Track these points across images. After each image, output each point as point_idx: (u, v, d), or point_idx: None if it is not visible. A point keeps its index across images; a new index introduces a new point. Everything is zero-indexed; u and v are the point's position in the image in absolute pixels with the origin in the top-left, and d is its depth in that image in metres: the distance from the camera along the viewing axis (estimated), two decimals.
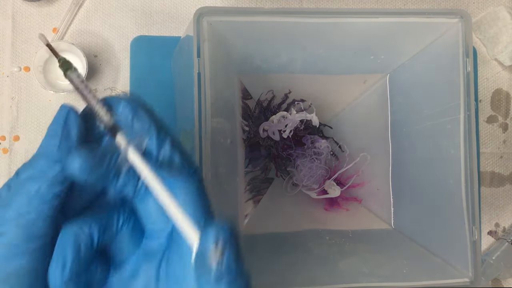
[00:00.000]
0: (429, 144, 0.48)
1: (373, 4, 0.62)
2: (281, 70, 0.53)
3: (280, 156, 0.55)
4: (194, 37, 0.40)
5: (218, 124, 0.44)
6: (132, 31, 0.58)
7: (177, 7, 0.59)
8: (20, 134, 0.57)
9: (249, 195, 0.55)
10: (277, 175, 0.56)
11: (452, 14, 0.43)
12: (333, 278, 0.43)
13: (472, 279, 0.42)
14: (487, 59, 0.63)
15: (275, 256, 0.48)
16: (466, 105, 0.43)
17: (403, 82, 0.53)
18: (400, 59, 0.52)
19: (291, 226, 0.54)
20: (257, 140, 0.55)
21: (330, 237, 0.51)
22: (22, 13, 0.57)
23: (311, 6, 0.61)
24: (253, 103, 0.55)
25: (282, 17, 0.42)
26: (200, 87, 0.39)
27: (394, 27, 0.45)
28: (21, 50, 0.57)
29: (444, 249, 0.46)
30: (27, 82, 0.57)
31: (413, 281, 0.42)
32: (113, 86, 0.58)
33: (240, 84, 0.54)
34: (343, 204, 0.56)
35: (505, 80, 0.63)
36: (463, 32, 0.43)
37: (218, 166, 0.44)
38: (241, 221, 0.53)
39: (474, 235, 0.42)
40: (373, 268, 0.45)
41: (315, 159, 0.54)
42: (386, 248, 0.51)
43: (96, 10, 0.58)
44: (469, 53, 0.43)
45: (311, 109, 0.55)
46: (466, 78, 0.43)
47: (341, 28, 0.44)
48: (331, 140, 0.57)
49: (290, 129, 0.54)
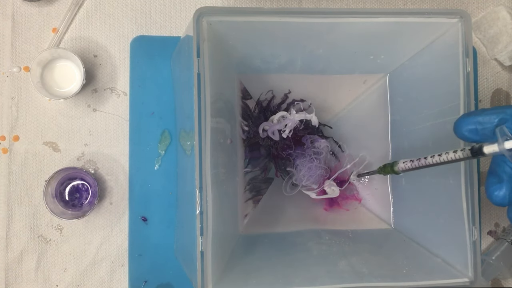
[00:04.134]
0: (429, 144, 0.48)
1: (373, 4, 0.62)
2: (281, 70, 0.53)
3: (280, 156, 0.55)
4: (194, 37, 0.40)
5: (218, 124, 0.44)
6: (132, 31, 0.58)
7: (177, 7, 0.59)
8: (20, 134, 0.57)
9: (249, 195, 0.55)
10: (276, 175, 0.56)
11: (452, 14, 0.43)
12: (333, 278, 0.43)
13: (472, 279, 0.42)
14: (487, 59, 0.63)
15: (275, 256, 0.48)
16: (466, 105, 0.43)
17: (403, 82, 0.53)
18: (400, 59, 0.52)
19: (291, 226, 0.54)
20: (257, 140, 0.55)
21: (330, 237, 0.51)
22: (22, 13, 0.57)
23: (311, 6, 0.61)
24: (253, 103, 0.55)
25: (282, 17, 0.42)
26: (200, 87, 0.39)
27: (394, 27, 0.45)
28: (21, 50, 0.57)
29: (444, 249, 0.46)
30: (27, 82, 0.57)
31: (413, 281, 0.42)
32: (113, 86, 0.58)
33: (240, 84, 0.54)
34: (343, 204, 0.56)
35: (505, 80, 0.63)
36: (463, 32, 0.43)
37: (218, 166, 0.44)
38: (241, 221, 0.53)
39: (474, 235, 0.42)
40: (373, 268, 0.45)
41: (314, 159, 0.54)
42: (386, 248, 0.51)
43: (96, 10, 0.58)
44: (469, 53, 0.43)
45: (311, 109, 0.55)
46: (466, 78, 0.43)
47: (341, 28, 0.44)
48: (331, 140, 0.57)
49: (289, 129, 0.54)
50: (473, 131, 0.35)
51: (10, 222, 0.56)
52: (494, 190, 0.34)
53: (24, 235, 0.56)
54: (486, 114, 0.34)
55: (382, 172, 0.47)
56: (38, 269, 0.56)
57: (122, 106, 0.58)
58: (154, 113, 0.57)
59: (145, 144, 0.57)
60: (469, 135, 0.35)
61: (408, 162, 0.43)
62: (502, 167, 0.34)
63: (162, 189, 0.57)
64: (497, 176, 0.34)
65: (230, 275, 0.43)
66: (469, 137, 0.35)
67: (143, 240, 0.56)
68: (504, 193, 0.33)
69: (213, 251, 0.40)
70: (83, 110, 0.57)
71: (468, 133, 0.35)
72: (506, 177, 0.33)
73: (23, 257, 0.56)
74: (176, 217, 0.56)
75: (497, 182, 0.34)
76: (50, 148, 0.57)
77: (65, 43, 0.58)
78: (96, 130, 0.57)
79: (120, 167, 0.57)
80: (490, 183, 0.34)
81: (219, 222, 0.42)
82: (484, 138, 0.34)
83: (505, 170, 0.34)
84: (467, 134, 0.35)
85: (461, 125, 0.35)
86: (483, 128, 0.34)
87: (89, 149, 0.57)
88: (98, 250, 0.57)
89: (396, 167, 0.45)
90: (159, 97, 0.58)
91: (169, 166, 0.57)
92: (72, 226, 0.57)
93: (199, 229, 0.39)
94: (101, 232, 0.57)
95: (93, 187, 0.56)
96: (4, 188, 0.56)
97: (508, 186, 0.33)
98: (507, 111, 0.34)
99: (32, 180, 0.56)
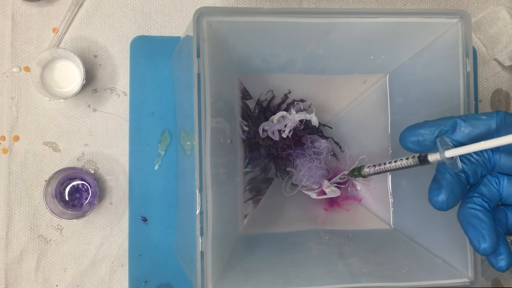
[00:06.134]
0: None
1: (373, 4, 0.62)
2: (281, 70, 0.53)
3: (280, 156, 0.55)
4: (193, 37, 0.40)
5: (218, 124, 0.44)
6: (132, 31, 0.58)
7: (177, 7, 0.59)
8: (20, 134, 0.57)
9: (249, 195, 0.55)
10: (276, 175, 0.56)
11: (452, 14, 0.43)
12: (333, 278, 0.43)
13: (472, 279, 0.42)
14: (487, 59, 0.63)
15: (275, 256, 0.48)
16: (466, 105, 0.43)
17: (403, 82, 0.53)
18: (400, 59, 0.52)
19: (291, 226, 0.53)
20: (257, 140, 0.55)
21: (330, 237, 0.51)
22: (22, 13, 0.57)
23: (311, 6, 0.61)
24: (253, 103, 0.55)
25: (282, 17, 0.42)
26: (200, 87, 0.39)
27: (394, 27, 0.45)
28: (21, 50, 0.57)
29: (444, 249, 0.46)
30: (27, 82, 0.57)
31: (413, 281, 0.42)
32: (113, 86, 0.58)
33: (240, 84, 0.54)
34: (343, 204, 0.56)
35: (505, 80, 0.63)
36: (463, 32, 0.43)
37: (218, 166, 0.44)
38: (241, 221, 0.53)
39: None
40: (373, 268, 0.44)
41: (314, 159, 0.54)
42: (386, 248, 0.51)
43: (96, 10, 0.58)
44: (469, 53, 0.43)
45: (311, 109, 0.55)
46: (466, 78, 0.43)
47: (341, 28, 0.44)
48: (331, 140, 0.57)
49: (289, 129, 0.54)
50: (416, 143, 0.37)
51: (10, 222, 0.56)
52: (434, 195, 0.35)
53: (24, 235, 0.56)
54: (428, 126, 0.36)
55: (352, 175, 0.51)
56: (38, 269, 0.56)
57: (122, 106, 0.58)
58: (154, 113, 0.57)
59: (145, 144, 0.57)
60: (413, 147, 0.37)
61: (372, 167, 0.48)
62: (443, 174, 0.36)
63: (162, 189, 0.57)
64: (437, 182, 0.36)
65: (230, 275, 0.43)
66: (413, 148, 0.37)
67: (143, 240, 0.56)
68: (442, 198, 0.35)
69: (213, 251, 0.40)
70: (83, 110, 0.58)
71: (412, 145, 0.37)
72: (445, 183, 0.35)
73: (23, 257, 0.56)
74: (176, 217, 0.56)
75: (437, 187, 0.35)
76: (50, 148, 0.57)
77: (65, 43, 0.58)
78: (96, 130, 0.57)
79: (120, 167, 0.57)
80: (431, 189, 0.36)
81: (219, 222, 0.42)
82: (426, 149, 0.37)
83: (445, 177, 0.35)
84: (411, 145, 0.37)
85: (404, 137, 0.37)
86: (424, 140, 0.36)
87: (89, 149, 0.57)
88: (98, 250, 0.57)
89: (363, 171, 0.49)
90: (159, 97, 0.58)
91: (169, 166, 0.57)
92: (72, 226, 0.57)
93: (199, 229, 0.39)
94: (101, 232, 0.57)
95: (93, 187, 0.56)
96: (4, 188, 0.56)
97: (446, 191, 0.35)
98: (447, 123, 0.36)
99: (32, 180, 0.56)
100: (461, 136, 0.36)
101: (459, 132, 0.36)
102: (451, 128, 0.36)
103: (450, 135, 0.36)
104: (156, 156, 0.57)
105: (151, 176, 0.57)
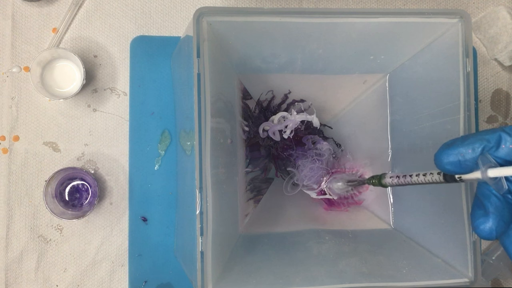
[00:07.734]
0: (429, 144, 0.48)
1: (373, 4, 0.62)
2: (281, 70, 0.53)
3: (280, 156, 0.55)
4: (194, 37, 0.40)
5: (218, 124, 0.44)
6: (132, 31, 0.58)
7: (177, 7, 0.59)
8: (20, 134, 0.57)
9: (249, 195, 0.55)
10: (277, 175, 0.56)
11: (452, 14, 0.43)
12: (333, 278, 0.43)
13: (472, 279, 0.42)
14: (487, 59, 0.63)
15: (275, 256, 0.48)
16: (466, 105, 0.43)
17: (403, 82, 0.53)
18: (400, 59, 0.52)
19: (291, 226, 0.53)
20: (257, 140, 0.55)
21: (330, 237, 0.51)
22: (22, 13, 0.57)
23: (311, 6, 0.61)
24: (253, 103, 0.55)
25: (282, 17, 0.42)
26: (200, 87, 0.39)
27: (394, 27, 0.45)
28: (21, 50, 0.57)
29: (444, 249, 0.46)
30: (27, 82, 0.57)
31: (413, 281, 0.42)
32: (113, 86, 0.58)
33: (240, 84, 0.54)
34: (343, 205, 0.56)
35: (505, 80, 0.63)
36: (463, 32, 0.43)
37: (218, 166, 0.44)
38: (241, 221, 0.53)
39: (474, 235, 0.42)
40: (373, 268, 0.44)
41: (316, 160, 0.54)
42: (386, 248, 0.51)
43: (96, 10, 0.58)
44: (469, 53, 0.43)
45: (311, 110, 0.55)
46: (466, 78, 0.43)
47: (341, 28, 0.44)
48: (331, 140, 0.57)
49: (290, 130, 0.54)
50: (456, 164, 0.32)
51: (10, 222, 0.56)
52: (480, 223, 0.31)
53: (24, 235, 0.56)
54: (468, 143, 0.31)
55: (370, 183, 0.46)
56: (38, 269, 0.56)
57: (122, 106, 0.58)
58: (154, 113, 0.57)
59: (145, 144, 0.57)
60: (452, 168, 0.32)
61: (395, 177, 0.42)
62: (488, 197, 0.31)
63: (162, 189, 0.57)
64: (483, 207, 0.31)
65: (230, 275, 0.43)
66: (452, 170, 0.33)
67: (143, 240, 0.56)
68: (491, 226, 0.31)
69: (213, 251, 0.40)
70: (83, 110, 0.58)
71: (451, 167, 0.32)
72: (493, 209, 0.31)
73: (23, 257, 0.56)
74: (176, 217, 0.56)
75: (484, 214, 0.31)
76: (50, 148, 0.57)
77: (65, 43, 0.58)
78: (96, 130, 0.57)
79: (120, 167, 0.57)
80: (475, 215, 0.32)
81: (219, 222, 0.42)
82: (468, 170, 0.32)
83: (491, 201, 0.31)
84: (449, 167, 0.32)
85: (441, 158, 0.33)
86: (466, 160, 0.31)
87: (89, 149, 0.57)
88: (98, 250, 0.57)
89: (384, 180, 0.44)
90: (159, 97, 0.58)
91: (169, 166, 0.57)
92: (72, 226, 0.57)
93: (199, 229, 0.39)
94: (101, 232, 0.57)
95: (93, 187, 0.56)
96: (4, 188, 0.56)
97: (494, 218, 0.31)
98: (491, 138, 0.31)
99: (32, 180, 0.56)
100: (506, 152, 0.31)
101: (504, 148, 0.31)
102: (495, 145, 0.31)
103: (493, 152, 0.31)
104: (156, 156, 0.57)
105: (151, 176, 0.57)
